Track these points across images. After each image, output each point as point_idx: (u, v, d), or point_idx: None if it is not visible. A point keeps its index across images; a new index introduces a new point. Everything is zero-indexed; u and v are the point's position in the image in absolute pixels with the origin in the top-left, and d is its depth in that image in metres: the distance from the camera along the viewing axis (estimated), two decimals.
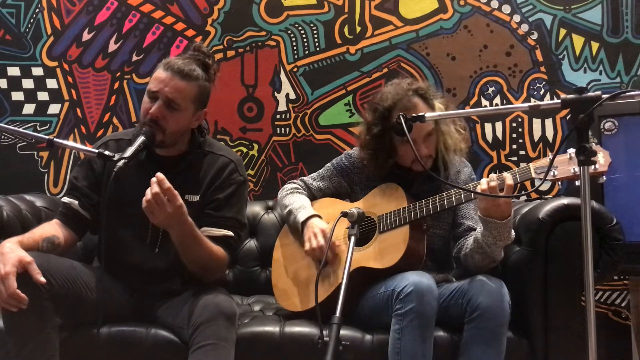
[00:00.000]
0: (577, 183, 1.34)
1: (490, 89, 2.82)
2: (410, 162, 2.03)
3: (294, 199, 2.19)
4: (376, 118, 2.02)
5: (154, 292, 1.97)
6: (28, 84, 2.94)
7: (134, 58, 2.92)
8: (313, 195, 2.26)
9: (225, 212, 1.97)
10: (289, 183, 2.31)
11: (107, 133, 2.91)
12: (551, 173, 1.64)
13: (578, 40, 2.79)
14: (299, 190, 2.25)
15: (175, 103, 1.90)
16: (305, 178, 2.29)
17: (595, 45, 2.78)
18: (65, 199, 2.00)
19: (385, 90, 2.05)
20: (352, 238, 1.64)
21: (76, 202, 1.97)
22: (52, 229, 1.92)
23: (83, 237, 2.04)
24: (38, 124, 2.93)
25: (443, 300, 1.85)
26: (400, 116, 1.62)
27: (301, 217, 2.09)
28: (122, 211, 1.96)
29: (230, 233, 1.97)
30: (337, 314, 1.44)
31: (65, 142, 1.82)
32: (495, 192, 1.75)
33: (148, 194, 1.73)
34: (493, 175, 1.79)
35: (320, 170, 2.27)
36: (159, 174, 1.74)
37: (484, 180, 1.79)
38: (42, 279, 1.67)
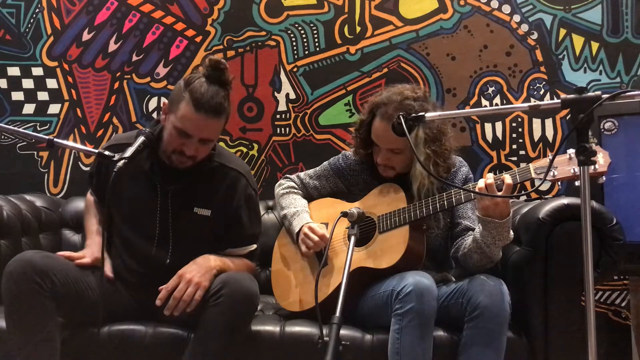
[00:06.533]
0: (577, 183, 1.34)
1: (490, 89, 2.82)
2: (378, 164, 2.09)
3: (290, 202, 2.21)
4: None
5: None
6: (28, 84, 2.94)
7: (134, 58, 2.92)
8: (309, 194, 2.26)
9: (246, 231, 2.04)
10: (285, 179, 2.31)
11: (107, 133, 2.92)
12: (551, 173, 1.64)
13: (578, 40, 2.79)
14: (295, 190, 2.26)
15: (210, 140, 1.90)
16: (301, 175, 2.30)
17: (595, 45, 2.78)
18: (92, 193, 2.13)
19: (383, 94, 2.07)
20: (352, 238, 1.64)
21: (97, 199, 2.10)
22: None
23: None
24: (38, 124, 2.93)
25: (443, 300, 1.85)
26: (400, 116, 1.62)
27: (295, 226, 2.11)
28: (130, 217, 1.98)
29: (253, 247, 2.06)
30: (337, 314, 1.44)
31: (65, 142, 1.81)
32: (492, 190, 1.76)
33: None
34: (490, 175, 1.80)
35: (317, 168, 2.28)
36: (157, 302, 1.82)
37: (481, 180, 1.80)
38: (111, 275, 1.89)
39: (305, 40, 2.88)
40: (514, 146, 2.80)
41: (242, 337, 1.84)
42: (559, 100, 1.36)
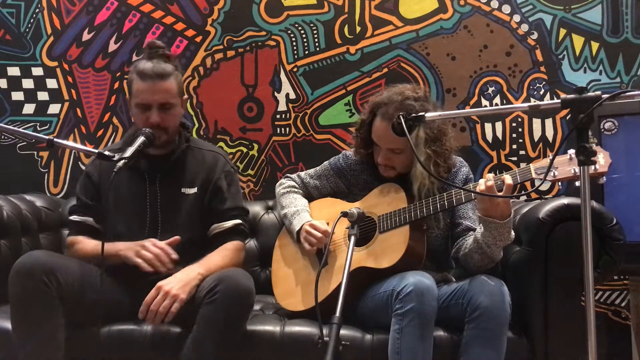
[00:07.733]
0: (577, 183, 1.34)
1: (490, 89, 2.82)
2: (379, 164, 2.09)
3: (290, 201, 2.21)
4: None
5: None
6: (28, 84, 2.94)
7: (134, 58, 2.92)
8: (309, 193, 2.27)
9: (229, 203, 2.11)
10: (286, 179, 2.32)
11: (107, 133, 2.92)
12: (551, 173, 1.63)
13: (578, 40, 2.79)
14: (296, 190, 2.26)
15: (168, 103, 2.00)
16: (302, 174, 2.30)
17: (595, 45, 2.78)
18: (77, 218, 2.10)
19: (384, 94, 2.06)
20: (352, 238, 1.64)
21: (91, 219, 2.08)
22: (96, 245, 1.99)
23: None
24: (38, 124, 2.93)
25: (443, 300, 1.85)
26: (401, 116, 1.62)
27: (296, 225, 2.11)
28: (119, 209, 2.06)
29: (239, 221, 2.12)
30: (337, 313, 1.44)
31: (65, 142, 1.84)
32: (492, 191, 1.76)
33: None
34: (490, 175, 1.79)
35: (318, 168, 2.28)
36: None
37: (481, 181, 1.80)
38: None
39: (305, 40, 2.88)
40: (514, 146, 2.80)
41: (239, 333, 1.85)
42: (559, 100, 1.36)
